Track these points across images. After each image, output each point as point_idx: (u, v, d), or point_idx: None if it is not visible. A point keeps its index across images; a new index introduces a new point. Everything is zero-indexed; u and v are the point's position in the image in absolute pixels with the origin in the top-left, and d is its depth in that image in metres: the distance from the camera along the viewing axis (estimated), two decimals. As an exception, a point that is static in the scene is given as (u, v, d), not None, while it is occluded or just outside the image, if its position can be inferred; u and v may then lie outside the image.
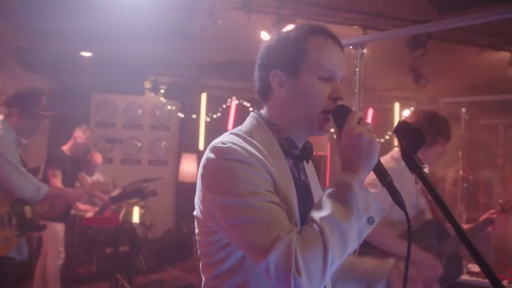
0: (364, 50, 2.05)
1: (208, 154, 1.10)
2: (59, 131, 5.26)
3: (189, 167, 7.17)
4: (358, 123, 1.07)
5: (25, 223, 2.82)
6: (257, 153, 1.07)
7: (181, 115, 7.68)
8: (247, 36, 4.32)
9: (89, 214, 4.84)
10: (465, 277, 3.03)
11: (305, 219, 1.06)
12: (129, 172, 6.93)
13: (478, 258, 0.88)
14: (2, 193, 2.76)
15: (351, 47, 1.86)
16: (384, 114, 8.03)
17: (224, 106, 7.65)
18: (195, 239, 1.25)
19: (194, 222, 1.26)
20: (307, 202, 1.18)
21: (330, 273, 0.98)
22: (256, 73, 1.23)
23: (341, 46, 1.20)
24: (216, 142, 1.10)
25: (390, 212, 2.10)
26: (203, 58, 5.86)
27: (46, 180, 4.24)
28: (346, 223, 0.98)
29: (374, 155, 1.05)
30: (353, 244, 1.00)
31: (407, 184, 2.39)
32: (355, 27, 4.28)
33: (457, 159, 3.94)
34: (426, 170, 2.44)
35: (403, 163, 2.36)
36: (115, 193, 5.44)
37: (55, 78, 5.98)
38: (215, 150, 1.09)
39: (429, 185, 0.99)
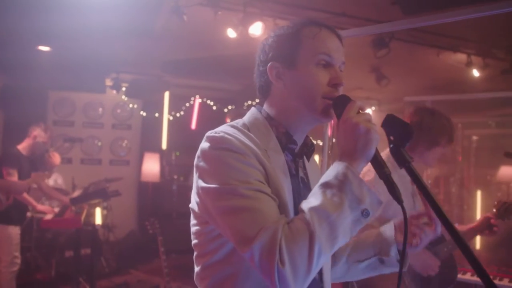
0: None
1: (202, 144, 1.09)
2: (14, 130, 5.03)
3: (151, 167, 7.03)
4: (358, 113, 1.04)
5: None
6: (250, 144, 1.06)
7: (143, 113, 7.52)
8: (213, 34, 4.27)
9: (48, 217, 4.62)
10: (465, 276, 3.00)
11: None
12: (89, 172, 6.75)
13: (472, 262, 0.87)
14: None
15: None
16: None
17: (187, 104, 7.55)
18: (161, 240, 1.22)
19: (158, 223, 1.21)
20: (303, 198, 1.14)
21: (317, 265, 0.95)
22: (256, 72, 1.23)
23: (337, 35, 1.19)
24: (210, 131, 1.10)
25: (386, 209, 2.01)
26: (166, 55, 5.75)
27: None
28: (336, 215, 0.95)
29: (371, 145, 1.01)
30: (344, 237, 0.98)
31: (405, 185, 2.29)
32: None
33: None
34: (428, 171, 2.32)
35: None
36: (75, 194, 5.25)
37: (10, 74, 5.70)
38: (208, 139, 1.08)
39: (418, 180, 0.97)
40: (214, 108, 7.58)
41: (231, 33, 4.12)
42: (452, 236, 0.91)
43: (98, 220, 4.76)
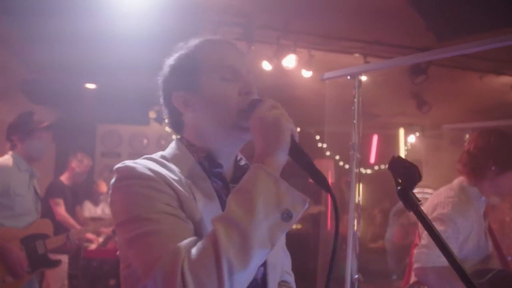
0: (364, 78, 2.00)
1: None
2: (64, 161, 5.28)
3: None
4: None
5: (37, 258, 2.77)
6: (160, 170, 0.98)
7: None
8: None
9: (93, 246, 4.80)
10: None
11: None
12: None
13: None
14: (12, 228, 2.74)
15: (348, 77, 1.86)
16: (389, 140, 8.01)
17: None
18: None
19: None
20: None
21: (231, 284, 0.82)
22: (164, 110, 1.16)
23: (235, 46, 1.14)
24: (117, 164, 1.02)
25: (463, 246, 1.93)
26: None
27: (48, 210, 4.24)
28: (247, 221, 0.83)
29: (283, 136, 0.92)
30: (262, 247, 0.84)
31: (479, 221, 2.11)
32: (356, 55, 4.32)
33: None
34: (485, 203, 2.13)
35: (474, 194, 2.09)
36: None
37: (61, 110, 6.06)
38: (114, 172, 1.00)
39: (426, 223, 0.91)
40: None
41: (266, 65, 4.20)
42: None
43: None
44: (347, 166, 6.50)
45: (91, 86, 5.45)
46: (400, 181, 0.95)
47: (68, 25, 3.37)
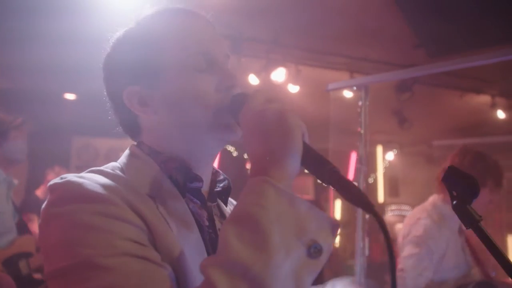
0: (350, 94, 2.01)
1: None
2: (38, 174, 5.08)
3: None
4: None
5: (21, 280, 2.56)
6: (118, 187, 0.70)
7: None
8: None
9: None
10: None
11: None
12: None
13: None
14: None
15: (355, 88, 1.85)
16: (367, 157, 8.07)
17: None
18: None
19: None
20: None
21: None
22: (112, 110, 0.89)
23: (205, 19, 0.86)
24: (53, 179, 0.73)
25: (440, 266, 1.96)
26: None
27: (23, 225, 4.02)
28: (261, 266, 0.56)
29: (291, 136, 0.65)
30: None
31: (455, 238, 2.16)
32: (343, 71, 4.35)
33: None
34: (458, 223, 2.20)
35: (447, 212, 2.09)
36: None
37: (37, 122, 5.85)
38: (48, 192, 0.71)
39: (489, 242, 0.80)
40: (235, 154, 7.58)
41: (253, 79, 4.16)
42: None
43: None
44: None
45: (70, 96, 5.27)
46: (455, 194, 0.83)
47: (46, 27, 3.19)
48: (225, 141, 0.84)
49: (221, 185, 0.88)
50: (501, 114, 5.05)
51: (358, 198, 0.63)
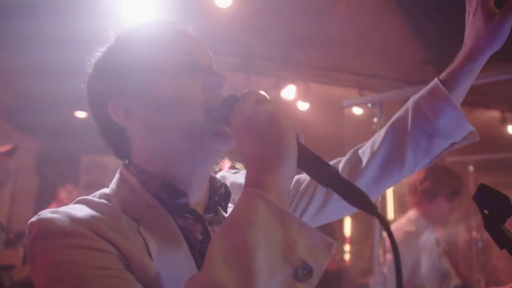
0: (360, 111, 2.03)
1: None
2: (47, 192, 5.11)
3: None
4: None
5: None
6: (90, 217, 0.70)
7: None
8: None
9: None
10: None
11: None
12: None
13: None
14: None
15: (369, 104, 1.86)
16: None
17: (216, 169, 7.56)
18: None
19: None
20: None
21: None
22: (98, 130, 0.87)
23: (185, 29, 0.85)
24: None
25: (414, 275, 1.98)
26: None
27: (9, 240, 4.01)
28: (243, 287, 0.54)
29: (285, 139, 0.63)
30: None
31: (429, 247, 2.28)
32: (351, 88, 4.36)
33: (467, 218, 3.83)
34: (434, 233, 2.38)
35: (421, 225, 2.24)
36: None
37: (47, 139, 5.91)
38: (29, 230, 0.71)
39: None
40: (243, 172, 7.59)
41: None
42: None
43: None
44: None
45: (81, 114, 5.33)
46: (487, 213, 0.79)
47: (59, 53, 3.29)
48: (218, 151, 0.81)
49: (218, 193, 0.85)
50: (511, 130, 5.02)
51: (360, 199, 0.60)
